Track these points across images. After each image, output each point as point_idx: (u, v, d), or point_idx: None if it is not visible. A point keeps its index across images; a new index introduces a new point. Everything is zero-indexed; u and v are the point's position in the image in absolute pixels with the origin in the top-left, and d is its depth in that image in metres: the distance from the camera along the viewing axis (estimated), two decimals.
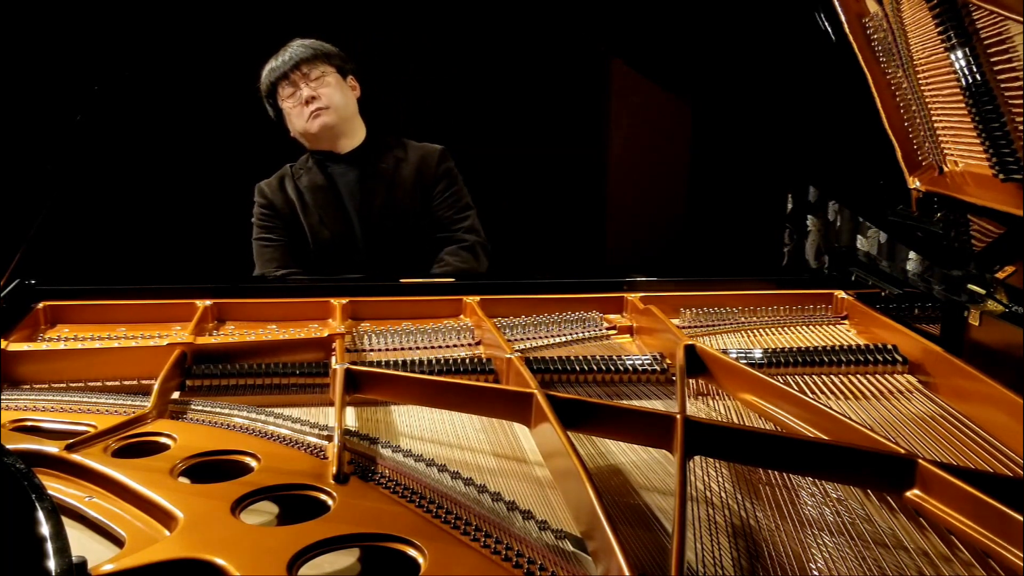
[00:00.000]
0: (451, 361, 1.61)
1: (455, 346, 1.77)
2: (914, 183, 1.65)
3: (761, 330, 1.82)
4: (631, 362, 1.60)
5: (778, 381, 1.42)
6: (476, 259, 2.59)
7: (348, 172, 2.58)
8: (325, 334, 1.70)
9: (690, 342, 1.56)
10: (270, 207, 2.58)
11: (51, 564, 0.83)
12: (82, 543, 1.05)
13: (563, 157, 4.33)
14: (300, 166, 2.62)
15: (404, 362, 1.61)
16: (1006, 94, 1.35)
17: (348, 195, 2.57)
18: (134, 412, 1.36)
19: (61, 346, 1.65)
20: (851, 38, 1.64)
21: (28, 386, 1.56)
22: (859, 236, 3.43)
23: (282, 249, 2.57)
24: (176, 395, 1.51)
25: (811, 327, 1.83)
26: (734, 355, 1.57)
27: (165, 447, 1.28)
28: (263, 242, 2.59)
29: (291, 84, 2.53)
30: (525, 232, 4.15)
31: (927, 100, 1.56)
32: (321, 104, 2.51)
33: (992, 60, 1.35)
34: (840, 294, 1.91)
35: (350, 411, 1.44)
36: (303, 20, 3.44)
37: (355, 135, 2.61)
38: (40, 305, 1.86)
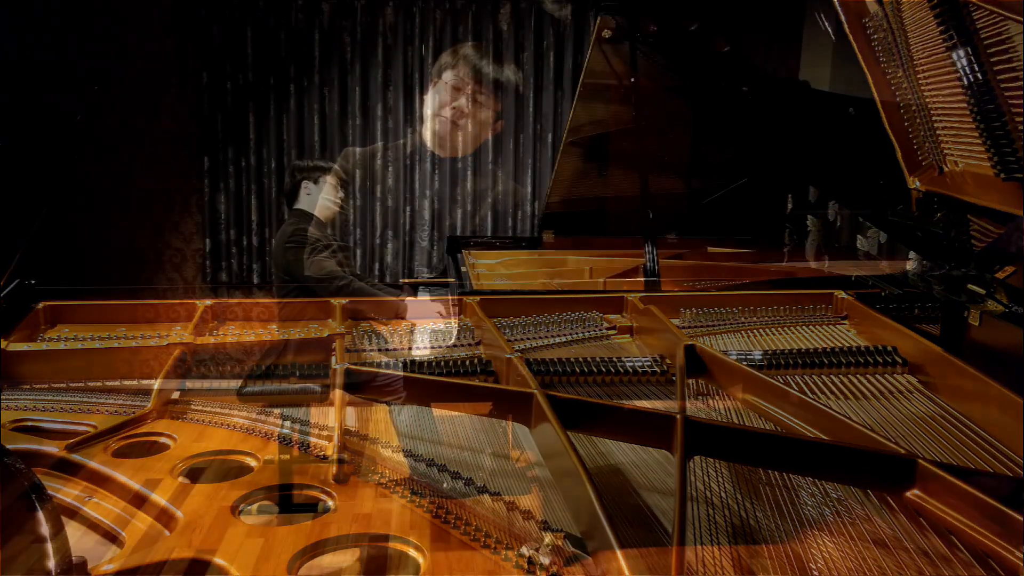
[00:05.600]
0: (451, 361, 1.61)
1: (455, 346, 1.77)
2: (914, 183, 1.65)
3: (761, 330, 1.82)
4: (631, 364, 1.60)
5: (778, 381, 1.42)
6: None
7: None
8: (325, 334, 1.70)
9: (690, 342, 1.56)
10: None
11: (51, 564, 0.83)
12: (82, 543, 1.05)
13: None
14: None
15: (404, 362, 1.62)
16: (1006, 94, 1.35)
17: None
18: (134, 412, 1.36)
19: (61, 346, 1.65)
20: (851, 38, 1.64)
21: (28, 386, 1.56)
22: (859, 236, 3.43)
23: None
24: (176, 395, 1.51)
25: (811, 327, 1.83)
26: (734, 356, 1.57)
27: (165, 447, 1.28)
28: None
29: (461, 84, 2.49)
30: None
31: (927, 100, 1.56)
32: (464, 121, 2.50)
33: (992, 60, 1.35)
34: (840, 294, 1.91)
35: (350, 411, 1.44)
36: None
37: (457, 152, 2.64)
38: (40, 305, 1.86)
